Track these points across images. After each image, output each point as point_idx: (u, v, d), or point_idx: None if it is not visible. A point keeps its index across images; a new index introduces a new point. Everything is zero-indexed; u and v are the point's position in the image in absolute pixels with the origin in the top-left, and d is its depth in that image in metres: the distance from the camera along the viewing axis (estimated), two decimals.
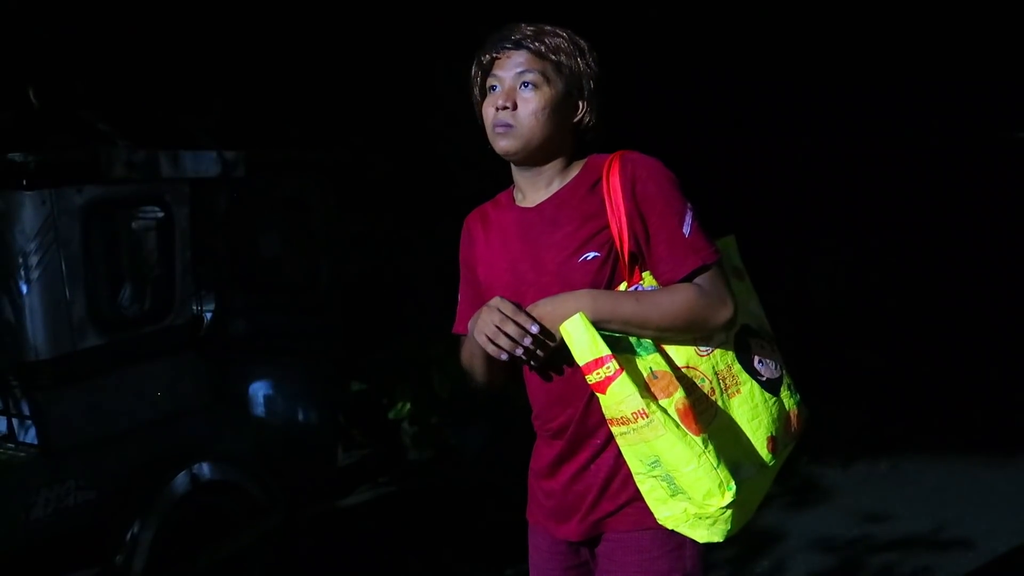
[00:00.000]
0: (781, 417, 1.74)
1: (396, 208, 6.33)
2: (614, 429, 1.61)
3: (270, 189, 4.01)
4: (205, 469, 3.37)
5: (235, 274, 3.75)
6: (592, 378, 1.58)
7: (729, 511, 1.59)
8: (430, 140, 6.44)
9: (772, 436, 1.72)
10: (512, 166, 1.81)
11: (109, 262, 3.45)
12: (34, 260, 2.94)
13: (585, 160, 1.78)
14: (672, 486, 1.60)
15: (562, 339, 1.62)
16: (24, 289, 2.96)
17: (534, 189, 1.79)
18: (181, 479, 3.27)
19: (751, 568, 3.98)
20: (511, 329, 1.62)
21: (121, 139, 3.32)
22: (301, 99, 5.97)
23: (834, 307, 7.75)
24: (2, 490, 2.96)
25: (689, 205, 1.69)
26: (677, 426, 1.57)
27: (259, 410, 3.86)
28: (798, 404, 1.79)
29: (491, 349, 1.64)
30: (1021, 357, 6.64)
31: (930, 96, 7.37)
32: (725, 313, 1.66)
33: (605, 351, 1.57)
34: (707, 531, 1.63)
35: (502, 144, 1.72)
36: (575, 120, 1.76)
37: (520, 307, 1.65)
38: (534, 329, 1.61)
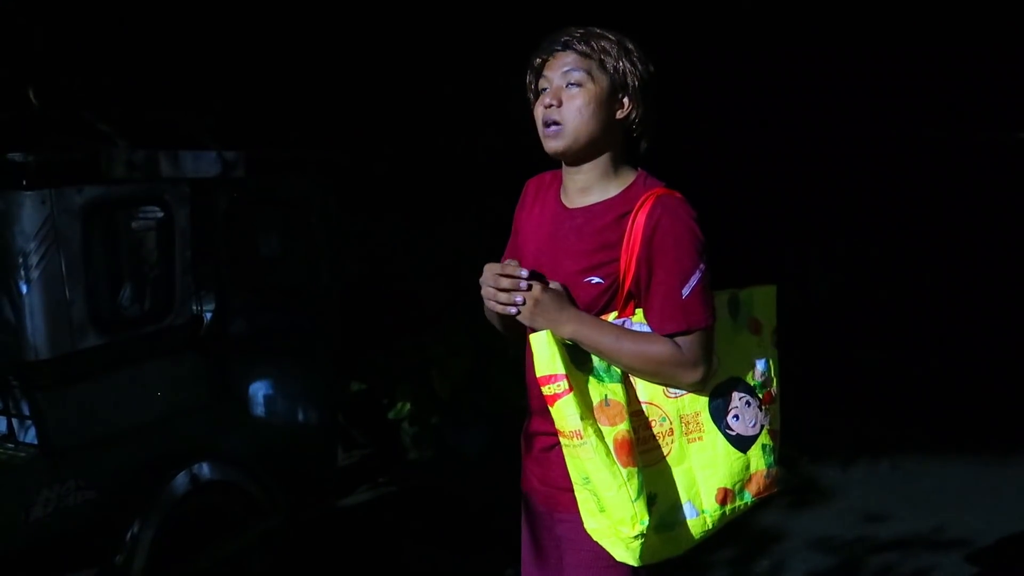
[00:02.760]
0: (742, 474, 1.82)
1: (396, 208, 6.33)
2: (560, 438, 1.72)
3: (270, 189, 4.01)
4: (205, 469, 3.37)
5: (235, 274, 3.75)
6: (546, 390, 1.69)
7: (638, 541, 1.68)
8: (431, 141, 6.45)
9: (725, 488, 1.80)
10: (562, 163, 1.88)
11: (109, 262, 3.45)
12: (34, 260, 2.94)
13: (634, 177, 1.83)
14: (599, 503, 1.70)
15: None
16: (24, 289, 2.95)
17: (575, 189, 1.86)
18: (181, 479, 3.27)
19: (751, 568, 3.98)
20: (505, 283, 1.74)
21: (121, 139, 3.32)
22: (302, 99, 5.97)
23: (834, 307, 7.75)
24: (2, 490, 2.96)
25: (700, 267, 1.74)
26: (607, 454, 1.67)
27: (259, 410, 3.86)
28: (769, 467, 1.86)
29: (499, 308, 1.77)
30: (1021, 357, 6.64)
31: (930, 96, 7.38)
32: (693, 377, 1.74)
33: (560, 370, 1.67)
34: (623, 552, 1.71)
35: (551, 145, 1.80)
36: (621, 117, 1.81)
37: (519, 275, 1.75)
38: (519, 300, 1.74)
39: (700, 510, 1.78)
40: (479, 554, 4.11)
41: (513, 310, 1.74)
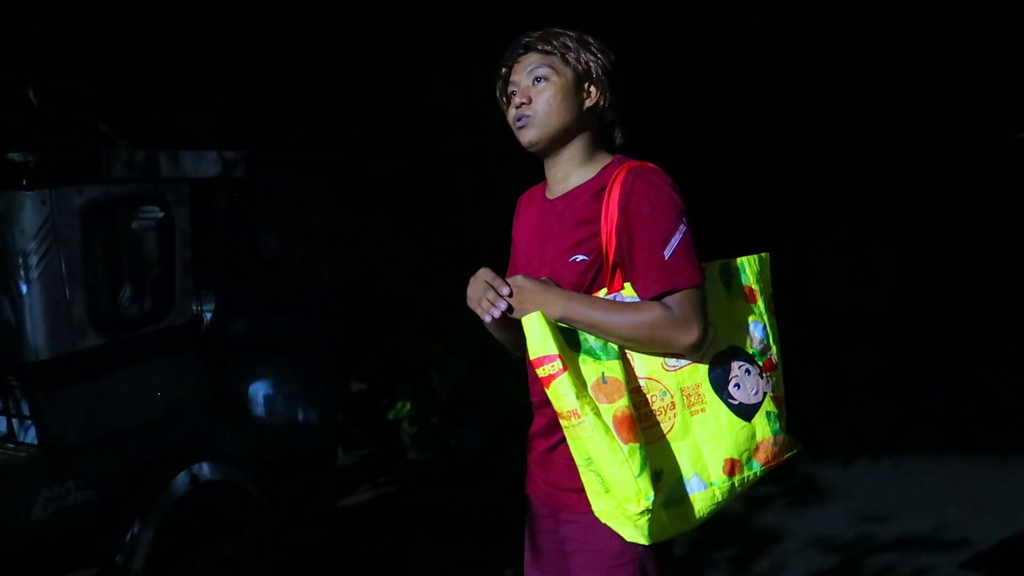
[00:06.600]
0: (748, 443, 1.80)
1: (396, 209, 6.34)
2: (560, 421, 1.72)
3: (270, 189, 4.01)
4: (205, 469, 3.37)
5: (235, 274, 3.75)
6: (540, 372, 1.70)
7: (644, 518, 1.66)
8: (430, 142, 6.45)
9: (732, 459, 1.78)
10: (543, 161, 1.92)
11: (109, 262, 3.45)
12: (34, 260, 2.94)
13: (610, 160, 1.88)
14: (604, 483, 1.69)
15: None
16: (24, 289, 2.95)
17: (555, 181, 1.91)
18: (181, 479, 3.27)
19: (751, 568, 3.98)
20: (490, 296, 1.76)
21: (121, 139, 3.32)
22: (302, 99, 5.97)
23: (834, 307, 7.76)
24: (2, 490, 2.96)
25: (681, 228, 1.74)
26: (607, 431, 1.66)
27: (259, 410, 3.85)
28: (775, 433, 1.83)
29: (479, 312, 1.80)
30: (1021, 357, 6.65)
31: (930, 96, 7.38)
32: (688, 337, 1.72)
33: (553, 350, 1.68)
34: (632, 531, 1.70)
35: (524, 136, 1.86)
36: (590, 105, 1.87)
37: (498, 276, 1.80)
38: (504, 291, 1.76)
39: (708, 483, 1.76)
40: (479, 554, 4.11)
41: (502, 304, 1.75)
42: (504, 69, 1.91)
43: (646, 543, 1.71)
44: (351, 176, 4.93)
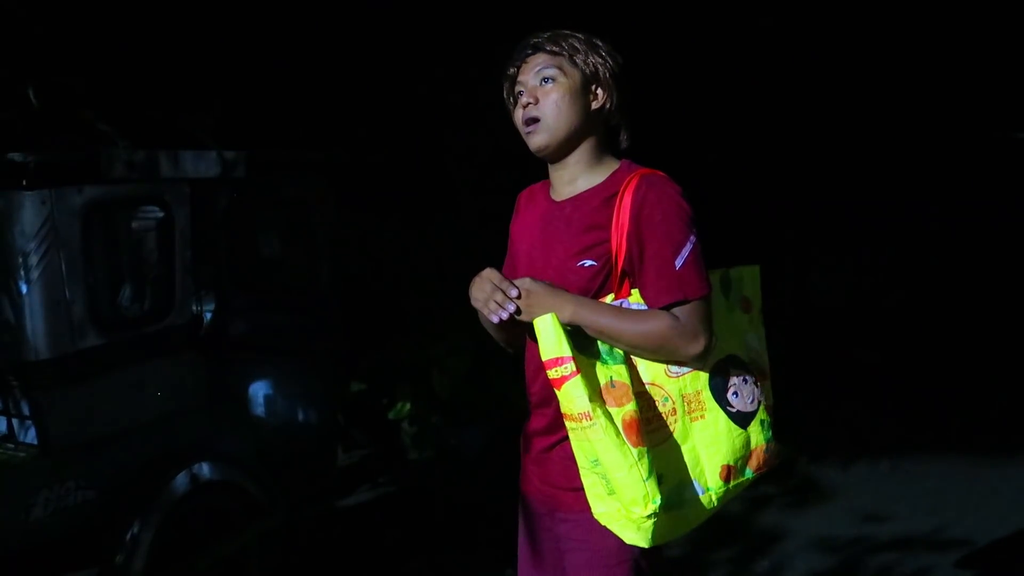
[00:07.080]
0: (743, 450, 1.83)
1: (396, 208, 6.34)
2: (566, 423, 1.72)
3: (270, 189, 4.01)
4: (205, 469, 3.37)
5: (235, 274, 3.75)
6: (552, 374, 1.69)
7: (650, 521, 1.68)
8: (429, 141, 6.45)
9: (728, 465, 1.80)
10: (548, 164, 1.92)
11: (109, 262, 3.45)
12: (34, 260, 2.94)
13: (618, 165, 1.88)
14: (608, 485, 1.70)
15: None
16: (24, 289, 2.95)
17: (562, 183, 1.90)
18: (181, 479, 3.27)
19: (751, 568, 3.98)
20: (498, 297, 1.75)
21: (121, 139, 3.32)
22: (301, 99, 5.97)
23: (834, 307, 7.76)
24: (2, 490, 2.96)
25: (691, 239, 1.76)
26: (617, 434, 1.67)
27: (259, 410, 3.86)
28: (768, 441, 1.87)
29: (485, 311, 1.78)
30: (1021, 357, 6.65)
31: (930, 96, 7.38)
32: (695, 347, 1.74)
33: (566, 352, 1.68)
34: (634, 534, 1.72)
35: (534, 142, 1.86)
36: (596, 107, 1.87)
37: (505, 277, 1.78)
38: (513, 293, 1.75)
39: (705, 488, 1.79)
40: (478, 554, 4.11)
41: (511, 307, 1.74)
42: (512, 69, 1.90)
43: (647, 546, 1.72)
44: (351, 176, 4.92)
